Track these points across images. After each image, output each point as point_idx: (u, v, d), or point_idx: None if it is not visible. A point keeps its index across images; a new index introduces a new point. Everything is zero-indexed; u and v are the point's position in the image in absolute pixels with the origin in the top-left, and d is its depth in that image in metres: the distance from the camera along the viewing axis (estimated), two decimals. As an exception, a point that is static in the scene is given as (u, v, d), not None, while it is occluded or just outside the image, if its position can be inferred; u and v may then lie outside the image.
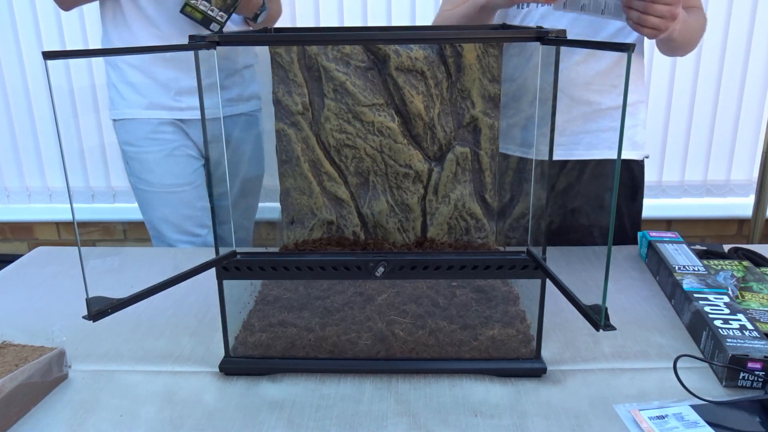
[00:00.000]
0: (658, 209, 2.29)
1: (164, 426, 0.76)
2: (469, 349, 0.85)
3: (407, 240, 0.95)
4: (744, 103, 2.20)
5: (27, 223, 2.44)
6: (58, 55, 0.61)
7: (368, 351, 0.85)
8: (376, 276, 0.81)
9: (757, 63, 2.15)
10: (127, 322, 0.98)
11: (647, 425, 0.73)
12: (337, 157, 0.92)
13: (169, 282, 0.76)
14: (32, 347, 0.84)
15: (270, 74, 0.91)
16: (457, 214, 0.94)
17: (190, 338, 0.95)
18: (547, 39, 0.77)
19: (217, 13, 1.31)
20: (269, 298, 0.92)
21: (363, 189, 0.94)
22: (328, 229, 0.95)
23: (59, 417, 0.78)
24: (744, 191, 2.30)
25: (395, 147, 0.91)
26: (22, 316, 1.03)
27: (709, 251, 1.15)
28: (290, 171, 0.93)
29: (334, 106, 0.90)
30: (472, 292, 0.90)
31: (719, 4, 2.10)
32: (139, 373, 0.87)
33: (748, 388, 0.80)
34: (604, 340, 0.92)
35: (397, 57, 0.88)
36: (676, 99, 2.19)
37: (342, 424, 0.76)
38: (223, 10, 1.32)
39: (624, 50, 0.56)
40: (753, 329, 0.85)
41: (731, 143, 2.25)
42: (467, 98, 0.91)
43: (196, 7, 1.30)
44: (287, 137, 0.92)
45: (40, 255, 1.31)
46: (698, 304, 0.93)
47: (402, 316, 0.87)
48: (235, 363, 0.86)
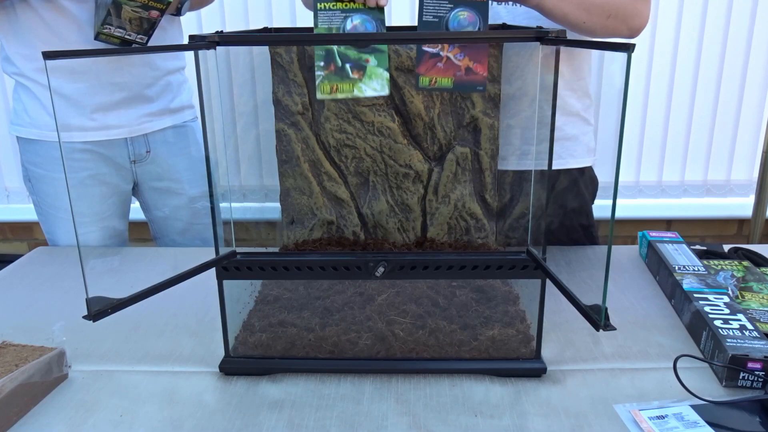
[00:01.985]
0: (658, 209, 2.29)
1: (164, 426, 0.76)
2: (469, 349, 0.85)
3: (407, 240, 0.95)
4: (744, 103, 2.20)
5: (27, 223, 2.44)
6: (58, 55, 0.61)
7: (368, 351, 0.85)
8: (376, 276, 0.81)
9: (757, 63, 2.15)
10: (127, 322, 0.98)
11: (647, 425, 0.73)
12: (337, 157, 0.92)
13: (169, 282, 0.76)
14: (32, 347, 0.84)
15: (270, 74, 0.91)
16: (457, 214, 0.94)
17: (190, 338, 0.95)
18: (547, 39, 0.77)
19: (135, 36, 1.23)
20: (269, 298, 0.92)
21: (363, 189, 0.93)
22: (328, 229, 0.95)
23: (59, 417, 0.78)
24: (744, 191, 2.30)
25: (395, 147, 0.91)
26: (22, 316, 1.03)
27: (709, 251, 1.15)
28: (290, 171, 0.93)
29: (334, 106, 0.90)
30: (472, 292, 0.90)
31: (719, 4, 2.10)
32: (139, 373, 0.87)
33: (748, 388, 0.80)
34: (604, 340, 0.92)
35: (397, 57, 0.88)
36: (676, 99, 2.19)
37: (342, 424, 0.76)
38: (142, 33, 1.23)
39: (623, 51, 0.56)
40: (753, 329, 0.85)
41: (731, 143, 2.25)
42: (467, 98, 0.91)
43: (111, 34, 1.21)
44: (287, 137, 0.92)
45: (40, 255, 1.31)
46: (698, 304, 0.93)
47: (402, 316, 0.87)
48: (235, 363, 0.86)
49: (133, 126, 1.36)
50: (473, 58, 0.88)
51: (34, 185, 1.39)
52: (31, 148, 1.35)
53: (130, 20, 1.21)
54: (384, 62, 0.87)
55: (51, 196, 1.37)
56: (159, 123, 1.40)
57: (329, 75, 0.86)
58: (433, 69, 0.88)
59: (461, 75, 0.88)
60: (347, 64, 0.86)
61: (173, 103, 1.41)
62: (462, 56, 0.88)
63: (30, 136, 1.34)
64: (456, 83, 0.89)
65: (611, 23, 1.05)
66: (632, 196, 2.31)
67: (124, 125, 1.35)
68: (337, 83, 0.86)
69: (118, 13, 1.21)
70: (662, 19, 2.11)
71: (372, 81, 0.87)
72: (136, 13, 1.20)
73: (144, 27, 1.23)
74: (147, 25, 1.23)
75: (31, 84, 1.31)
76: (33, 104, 1.32)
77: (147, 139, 1.39)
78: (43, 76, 1.29)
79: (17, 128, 1.36)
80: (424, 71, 0.88)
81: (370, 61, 0.87)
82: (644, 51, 2.14)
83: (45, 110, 1.32)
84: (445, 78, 0.88)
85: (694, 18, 2.11)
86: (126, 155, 1.39)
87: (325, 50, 0.85)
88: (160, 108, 1.39)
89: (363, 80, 0.86)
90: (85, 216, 1.38)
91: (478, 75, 0.89)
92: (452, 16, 0.87)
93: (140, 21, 1.22)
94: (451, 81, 0.89)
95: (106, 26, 1.21)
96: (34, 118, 1.32)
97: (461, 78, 0.89)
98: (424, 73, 0.88)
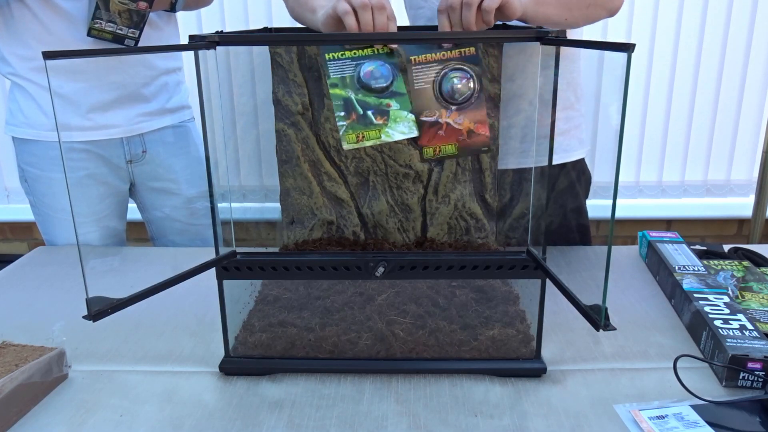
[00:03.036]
0: (658, 209, 2.29)
1: (164, 426, 0.76)
2: (469, 349, 0.85)
3: (407, 240, 0.95)
4: (744, 103, 2.20)
5: (27, 223, 2.44)
6: (58, 55, 0.61)
7: (368, 351, 0.85)
8: (376, 276, 0.81)
9: (757, 63, 2.15)
10: (127, 322, 0.98)
11: (647, 425, 0.73)
12: (337, 157, 0.92)
13: (169, 282, 0.76)
14: (32, 347, 0.84)
15: (270, 74, 0.91)
16: (457, 214, 0.94)
17: (190, 338, 0.95)
18: (546, 39, 0.77)
19: (127, 31, 1.24)
20: (269, 298, 0.92)
21: (363, 189, 0.93)
22: (328, 229, 0.95)
23: (59, 417, 0.78)
24: (744, 191, 2.30)
25: (395, 147, 0.91)
26: (22, 316, 1.03)
27: (709, 251, 1.15)
28: (290, 171, 0.93)
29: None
30: (472, 292, 0.90)
31: (719, 4, 2.10)
32: (139, 373, 0.87)
33: (748, 388, 0.80)
34: (604, 340, 0.92)
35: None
36: (676, 99, 2.19)
37: (342, 424, 0.76)
38: (132, 27, 1.24)
39: (624, 50, 0.56)
40: (753, 329, 0.85)
41: (731, 143, 2.25)
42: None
43: (103, 29, 1.22)
44: (287, 137, 0.92)
45: (40, 255, 1.31)
46: (698, 304, 0.93)
47: (402, 316, 0.87)
48: (235, 363, 0.86)
49: (129, 126, 1.36)
50: (473, 119, 0.87)
51: (31, 185, 1.38)
52: (27, 149, 1.35)
53: (120, 13, 1.21)
54: (406, 105, 0.86)
55: (48, 197, 1.37)
56: (155, 123, 1.39)
57: (352, 124, 0.85)
58: (435, 138, 0.87)
59: (464, 139, 0.88)
60: (369, 111, 0.85)
61: (170, 103, 1.41)
62: (461, 120, 0.87)
63: (25, 136, 1.34)
64: (461, 149, 0.89)
65: (592, 11, 1.05)
66: (632, 196, 2.31)
67: (119, 125, 1.35)
68: (362, 132, 0.85)
69: (106, 6, 1.21)
70: (662, 19, 2.11)
71: (398, 125, 0.86)
72: (125, 5, 1.21)
73: (134, 20, 1.23)
74: (137, 17, 1.23)
75: (26, 84, 1.30)
76: (28, 104, 1.32)
77: (143, 139, 1.39)
78: (38, 75, 1.29)
79: (12, 128, 1.35)
80: (426, 142, 0.88)
81: (391, 106, 0.86)
82: (644, 51, 2.14)
83: (40, 110, 1.31)
84: (448, 145, 0.88)
85: (694, 18, 2.11)
86: (122, 155, 1.38)
87: (343, 100, 0.84)
88: (157, 108, 1.39)
89: (389, 125, 0.86)
90: (81, 216, 1.38)
91: (481, 136, 0.88)
92: (444, 80, 0.87)
93: (129, 14, 1.22)
94: (455, 147, 0.88)
95: (97, 21, 1.21)
96: (30, 118, 1.32)
97: (465, 142, 0.88)
98: (428, 144, 0.88)
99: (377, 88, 0.85)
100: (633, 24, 2.12)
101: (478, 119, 0.87)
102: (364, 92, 0.85)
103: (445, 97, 0.86)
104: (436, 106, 0.87)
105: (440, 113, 0.87)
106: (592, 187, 1.34)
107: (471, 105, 0.87)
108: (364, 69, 0.85)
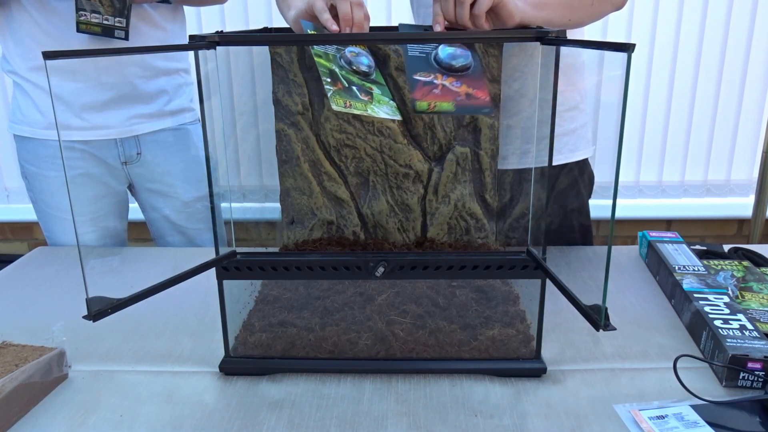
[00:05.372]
0: (658, 209, 2.29)
1: (164, 426, 0.76)
2: (469, 349, 0.85)
3: (407, 240, 0.95)
4: (744, 103, 2.20)
5: (27, 223, 2.44)
6: (57, 55, 0.61)
7: (368, 351, 0.86)
8: (376, 276, 0.81)
9: (757, 63, 2.15)
10: (127, 322, 0.98)
11: (647, 425, 0.73)
12: (337, 157, 0.92)
13: (169, 282, 0.76)
14: (32, 347, 0.84)
15: (270, 74, 0.91)
16: (457, 214, 0.94)
17: (190, 338, 0.95)
18: (546, 39, 0.77)
19: (113, 20, 1.22)
20: (269, 298, 0.92)
21: (363, 189, 0.94)
22: (328, 229, 0.95)
23: (59, 417, 0.78)
24: (744, 191, 2.30)
25: (395, 147, 0.91)
26: (22, 316, 1.03)
27: (709, 251, 1.15)
28: (290, 171, 0.93)
29: (334, 106, 0.90)
30: (472, 292, 0.90)
31: (719, 4, 2.10)
32: (139, 373, 0.87)
33: (748, 388, 0.80)
34: (604, 340, 0.92)
35: (397, 57, 0.88)
36: (676, 99, 2.19)
37: (342, 424, 0.76)
38: (117, 15, 1.22)
39: (624, 50, 0.56)
40: (753, 329, 0.85)
41: (731, 143, 2.25)
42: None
43: (89, 22, 1.21)
44: (287, 137, 0.92)
45: (40, 255, 1.31)
46: (698, 304, 0.93)
47: (402, 316, 0.87)
48: (235, 363, 0.86)
49: (123, 127, 1.35)
50: (471, 86, 0.84)
51: (30, 182, 1.40)
52: (26, 146, 1.36)
53: (101, 1, 1.20)
54: (387, 93, 0.85)
55: (45, 194, 1.38)
56: (151, 125, 1.38)
57: (338, 91, 0.84)
58: (430, 95, 0.84)
59: (462, 99, 0.84)
60: (353, 86, 0.85)
61: (169, 106, 1.39)
62: (459, 84, 0.84)
63: (24, 133, 1.35)
64: (458, 107, 0.85)
65: (596, 8, 1.04)
66: (632, 196, 2.31)
67: (112, 126, 1.34)
68: (349, 99, 0.84)
69: None
70: (662, 19, 2.11)
71: (382, 106, 0.85)
72: None
73: (116, 7, 1.22)
74: (119, 4, 1.22)
75: (24, 82, 1.31)
76: (26, 102, 1.33)
77: (138, 140, 1.38)
78: (34, 74, 1.30)
79: (13, 126, 1.37)
80: (420, 96, 0.84)
81: (374, 90, 0.86)
82: (644, 51, 2.14)
83: (37, 108, 1.32)
84: (445, 102, 0.84)
85: (694, 18, 2.11)
86: (116, 156, 1.37)
87: (328, 69, 0.84)
88: (154, 110, 1.37)
89: (374, 103, 0.85)
90: (78, 215, 1.38)
91: (479, 99, 0.85)
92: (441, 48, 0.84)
93: (111, 1, 1.21)
94: (452, 105, 0.84)
95: (81, 14, 1.20)
96: (27, 115, 1.33)
97: (463, 102, 0.84)
98: (421, 98, 0.84)
99: (360, 70, 0.85)
100: (633, 24, 2.12)
101: (476, 86, 0.84)
102: (347, 71, 0.85)
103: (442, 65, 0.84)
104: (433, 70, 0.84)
105: (436, 76, 0.84)
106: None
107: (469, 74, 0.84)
108: (348, 49, 0.85)
